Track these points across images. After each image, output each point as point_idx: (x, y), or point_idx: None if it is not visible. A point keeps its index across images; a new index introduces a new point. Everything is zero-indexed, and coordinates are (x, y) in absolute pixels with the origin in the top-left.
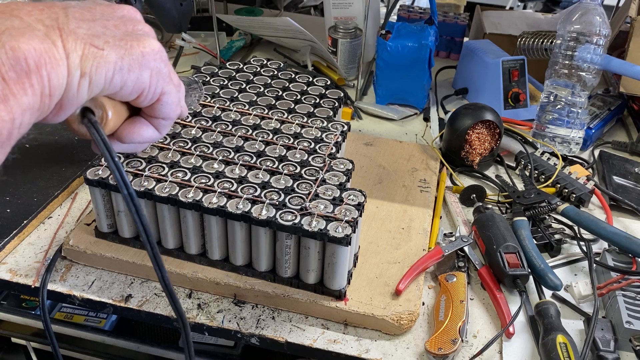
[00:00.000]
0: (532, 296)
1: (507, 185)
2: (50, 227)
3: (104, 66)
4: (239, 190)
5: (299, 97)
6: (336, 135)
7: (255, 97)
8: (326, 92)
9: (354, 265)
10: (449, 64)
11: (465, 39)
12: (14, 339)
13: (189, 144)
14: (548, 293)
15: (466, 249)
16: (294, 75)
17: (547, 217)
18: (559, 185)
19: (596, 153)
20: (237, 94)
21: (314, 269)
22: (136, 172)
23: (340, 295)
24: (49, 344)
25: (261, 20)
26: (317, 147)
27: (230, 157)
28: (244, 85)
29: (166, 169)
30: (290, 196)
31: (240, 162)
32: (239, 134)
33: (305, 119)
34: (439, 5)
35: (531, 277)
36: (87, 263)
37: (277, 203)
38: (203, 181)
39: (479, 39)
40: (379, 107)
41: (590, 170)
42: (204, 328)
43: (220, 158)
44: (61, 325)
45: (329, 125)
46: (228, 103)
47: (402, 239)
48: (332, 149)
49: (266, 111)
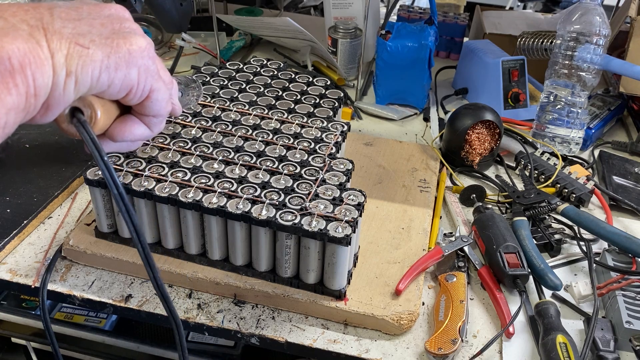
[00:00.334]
0: (532, 296)
1: (507, 185)
2: (50, 227)
3: (89, 65)
4: (239, 190)
5: (299, 97)
6: (336, 135)
7: (255, 97)
8: (326, 92)
9: (354, 265)
10: (449, 64)
11: (465, 39)
12: (14, 339)
13: (189, 144)
14: (548, 293)
15: (466, 249)
16: (294, 75)
17: (547, 217)
18: (559, 185)
19: (596, 153)
20: (237, 94)
21: (314, 269)
22: (136, 172)
23: (340, 295)
24: (49, 344)
25: (261, 20)
26: (317, 147)
27: (230, 157)
28: (244, 85)
29: (166, 169)
30: (290, 196)
31: (240, 162)
32: (239, 134)
33: (305, 119)
34: (439, 5)
35: (531, 277)
36: (87, 263)
37: (277, 203)
38: (203, 181)
39: (479, 39)
40: (379, 107)
41: (590, 170)
42: (204, 328)
43: (220, 158)
44: (61, 325)
45: (329, 125)
46: (228, 103)
47: (402, 239)
48: (332, 149)
49: (266, 111)
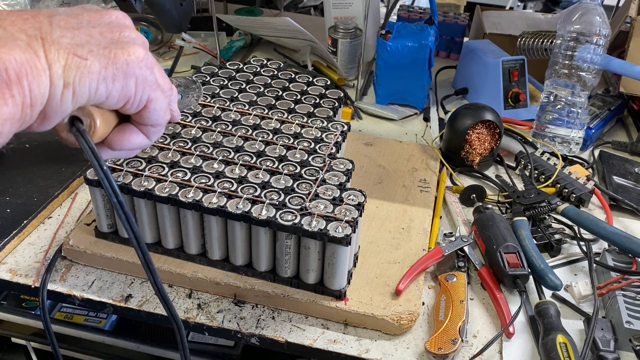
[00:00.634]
0: (532, 296)
1: (507, 185)
2: (50, 227)
3: (87, 76)
4: (239, 190)
5: (299, 97)
6: (336, 135)
7: (255, 97)
8: (326, 92)
9: (354, 265)
10: (449, 64)
11: (465, 39)
12: (14, 339)
13: (189, 144)
14: (548, 293)
15: (466, 249)
16: (294, 75)
17: (547, 217)
18: (559, 185)
19: (596, 153)
20: (237, 94)
21: (314, 269)
22: (136, 172)
23: (340, 295)
24: (49, 344)
25: (261, 20)
26: (317, 147)
27: (230, 157)
28: (244, 85)
29: (166, 169)
30: (290, 196)
31: (240, 162)
32: (239, 134)
33: (305, 119)
34: (439, 5)
35: (531, 277)
36: (87, 263)
37: (277, 203)
38: (203, 181)
39: (479, 39)
40: (379, 107)
41: (590, 170)
42: (204, 328)
43: (220, 158)
44: (61, 325)
45: (329, 125)
46: (228, 103)
47: (402, 239)
48: (332, 149)
49: (266, 111)
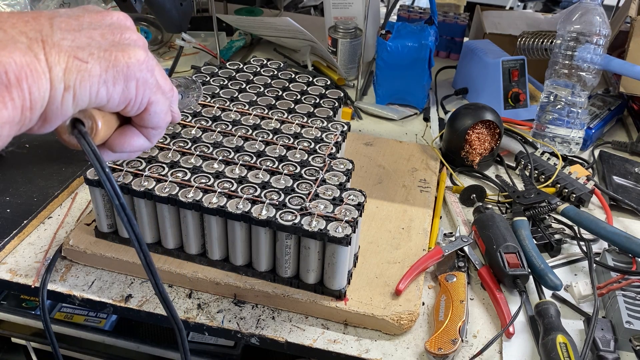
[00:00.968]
0: (532, 296)
1: (507, 185)
2: (50, 227)
3: (88, 80)
4: (239, 190)
5: (299, 97)
6: (336, 135)
7: (255, 97)
8: (326, 92)
9: (354, 265)
10: (449, 64)
11: (465, 39)
12: (14, 339)
13: (189, 144)
14: (548, 293)
15: (466, 249)
16: (294, 75)
17: (547, 217)
18: (559, 185)
19: (596, 153)
20: (237, 94)
21: (314, 269)
22: (136, 172)
23: (340, 295)
24: (49, 344)
25: (261, 20)
26: (317, 147)
27: (230, 157)
28: (244, 85)
29: (166, 169)
30: (290, 196)
31: (240, 162)
32: (239, 134)
33: (305, 119)
34: (439, 5)
35: (531, 277)
36: (87, 263)
37: (277, 203)
38: (203, 181)
39: (479, 39)
40: (379, 107)
41: (590, 170)
42: (204, 328)
43: (220, 158)
44: (61, 325)
45: (329, 125)
46: (228, 103)
47: (402, 239)
48: (332, 149)
49: (266, 111)
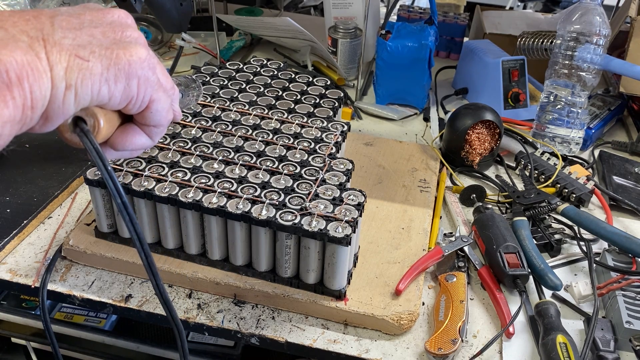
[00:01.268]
0: (532, 296)
1: (507, 185)
2: (50, 227)
3: (89, 78)
4: (239, 190)
5: (299, 97)
6: (336, 135)
7: (255, 97)
8: (326, 92)
9: (354, 265)
10: (449, 64)
11: (465, 39)
12: (14, 339)
13: (189, 144)
14: (548, 293)
15: (466, 249)
16: (294, 75)
17: (547, 217)
18: (559, 185)
19: (596, 153)
20: (237, 94)
21: (314, 269)
22: (136, 172)
23: (340, 295)
24: (49, 344)
25: (261, 20)
26: (317, 147)
27: (230, 157)
28: (244, 85)
29: (166, 169)
30: (290, 196)
31: (240, 162)
32: (239, 134)
33: (305, 119)
34: (439, 5)
35: (531, 277)
36: (87, 263)
37: (277, 203)
38: (203, 181)
39: (479, 39)
40: (379, 107)
41: (590, 170)
42: (204, 328)
43: (220, 158)
44: (61, 325)
45: (329, 125)
46: (228, 103)
47: (402, 239)
48: (332, 149)
49: (266, 111)
